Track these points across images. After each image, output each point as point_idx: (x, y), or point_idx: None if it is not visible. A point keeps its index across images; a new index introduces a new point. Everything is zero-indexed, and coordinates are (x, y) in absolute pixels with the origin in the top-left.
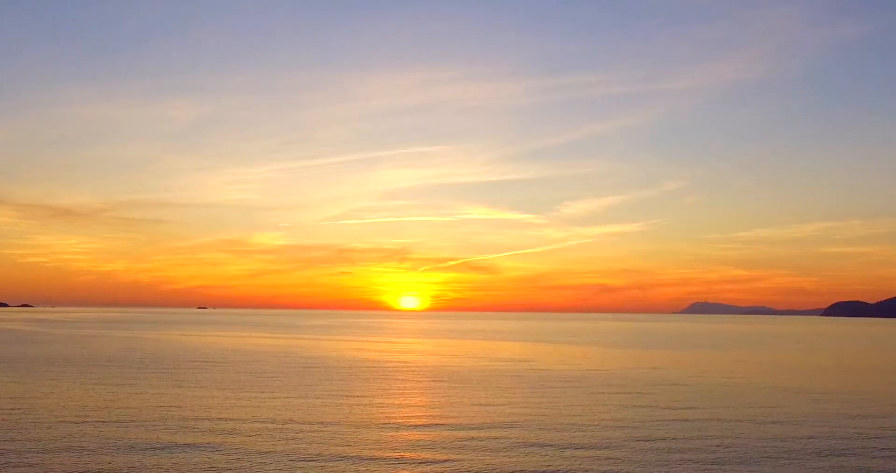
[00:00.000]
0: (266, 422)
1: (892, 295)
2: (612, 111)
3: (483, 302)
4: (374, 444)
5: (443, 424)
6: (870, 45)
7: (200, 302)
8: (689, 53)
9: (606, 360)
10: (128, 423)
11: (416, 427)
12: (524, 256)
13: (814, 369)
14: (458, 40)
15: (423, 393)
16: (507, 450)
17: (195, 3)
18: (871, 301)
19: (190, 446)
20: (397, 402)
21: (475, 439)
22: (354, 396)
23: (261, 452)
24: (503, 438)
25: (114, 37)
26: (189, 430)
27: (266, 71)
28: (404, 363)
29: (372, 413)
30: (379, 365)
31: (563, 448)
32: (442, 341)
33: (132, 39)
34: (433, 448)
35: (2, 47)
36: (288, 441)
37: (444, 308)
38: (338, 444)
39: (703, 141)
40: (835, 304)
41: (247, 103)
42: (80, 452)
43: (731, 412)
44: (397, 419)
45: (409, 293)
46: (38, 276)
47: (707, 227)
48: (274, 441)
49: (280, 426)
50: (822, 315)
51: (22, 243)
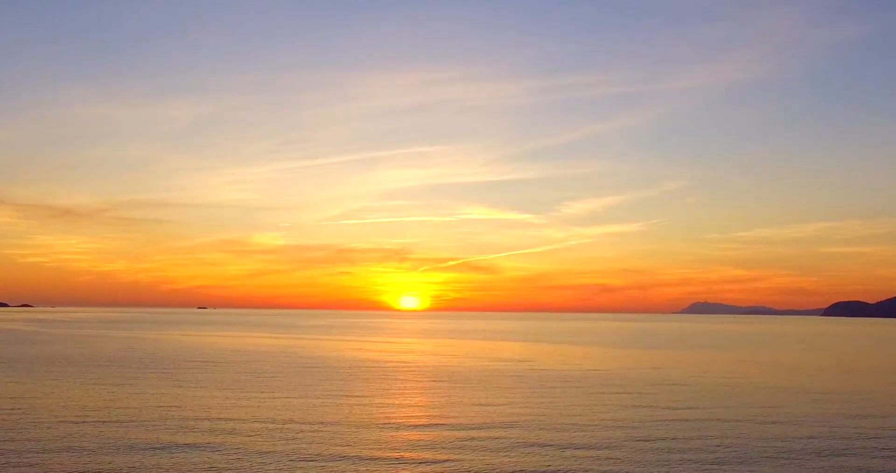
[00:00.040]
0: (266, 422)
1: (892, 295)
2: (612, 111)
3: (483, 302)
4: (374, 444)
5: (443, 424)
6: (870, 45)
7: (200, 302)
8: (689, 53)
9: (606, 360)
10: (128, 423)
11: (416, 427)
12: (524, 256)
13: (814, 369)
14: (458, 40)
15: (423, 393)
16: (507, 450)
17: (195, 3)
18: (871, 301)
19: (190, 446)
20: (397, 402)
21: (475, 439)
22: (354, 396)
23: (261, 452)
24: (503, 438)
25: (114, 37)
26: (189, 430)
27: (266, 71)
28: (404, 363)
29: (372, 413)
30: (379, 365)
31: (563, 448)
32: (442, 341)
33: (132, 39)
34: (433, 448)
35: (2, 47)
36: (288, 441)
37: (444, 308)
38: (338, 444)
39: (703, 141)
40: (835, 304)
41: (247, 103)
42: (80, 452)
43: (731, 412)
44: (397, 419)
45: (409, 293)
46: (38, 276)
47: (707, 227)
48: (274, 441)
49: (280, 426)
50: (822, 315)
51: (22, 243)
